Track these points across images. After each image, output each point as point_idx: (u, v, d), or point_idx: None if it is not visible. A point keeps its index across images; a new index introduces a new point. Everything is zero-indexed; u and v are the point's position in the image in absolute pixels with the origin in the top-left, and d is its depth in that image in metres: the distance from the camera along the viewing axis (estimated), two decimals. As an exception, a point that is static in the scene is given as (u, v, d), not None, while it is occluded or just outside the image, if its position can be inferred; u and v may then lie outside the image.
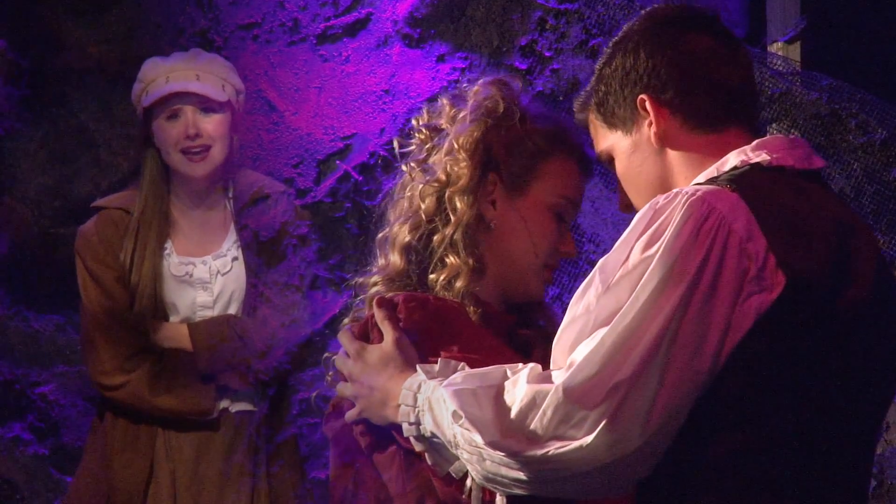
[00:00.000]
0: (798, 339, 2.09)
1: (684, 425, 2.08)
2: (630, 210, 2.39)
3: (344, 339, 2.39)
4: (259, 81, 4.92)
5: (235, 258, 4.19)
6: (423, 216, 2.47)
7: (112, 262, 4.13)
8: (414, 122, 2.57)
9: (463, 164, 2.46)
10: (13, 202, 5.03)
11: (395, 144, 2.60)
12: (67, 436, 5.02)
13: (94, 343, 4.14)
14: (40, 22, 5.01)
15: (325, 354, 2.51)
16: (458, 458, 2.19)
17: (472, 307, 2.43)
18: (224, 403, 4.17)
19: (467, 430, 2.09)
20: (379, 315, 2.34)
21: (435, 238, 2.46)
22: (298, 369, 4.28)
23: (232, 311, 4.18)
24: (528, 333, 2.53)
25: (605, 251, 4.78)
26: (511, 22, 4.82)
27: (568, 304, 2.17)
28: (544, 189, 2.50)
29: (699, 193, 2.11)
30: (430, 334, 2.35)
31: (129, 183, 4.77)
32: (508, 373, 2.14)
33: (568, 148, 2.53)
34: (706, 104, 2.30)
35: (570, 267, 4.62)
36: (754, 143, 2.26)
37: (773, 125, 4.53)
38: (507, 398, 2.09)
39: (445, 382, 2.16)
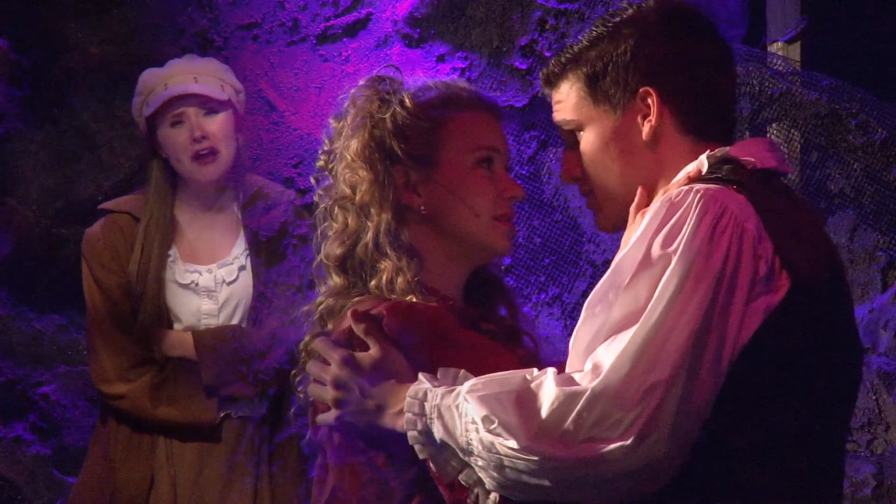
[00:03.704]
0: (802, 339, 2.11)
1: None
2: (574, 182, 2.39)
3: (323, 346, 2.35)
4: (259, 81, 4.93)
5: (242, 267, 4.18)
6: (344, 233, 2.48)
7: (117, 268, 4.13)
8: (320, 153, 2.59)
9: (361, 172, 2.46)
10: (15, 203, 5.04)
11: (313, 180, 2.61)
12: (69, 436, 5.03)
13: (96, 350, 4.14)
14: (42, 23, 5.02)
15: (293, 372, 2.52)
16: (467, 466, 2.17)
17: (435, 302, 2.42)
18: (226, 409, 4.17)
19: (498, 435, 2.07)
20: (359, 328, 2.32)
21: (358, 249, 2.46)
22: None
23: (236, 320, 4.17)
24: (491, 328, 2.50)
25: (606, 251, 4.80)
26: (511, 22, 4.82)
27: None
28: (453, 151, 2.48)
29: (712, 192, 2.12)
30: (422, 340, 2.32)
31: (132, 183, 4.78)
32: (528, 377, 2.12)
33: (461, 103, 2.51)
34: (705, 113, 2.30)
35: (570, 267, 4.62)
36: (737, 144, 2.27)
37: (773, 125, 4.53)
38: (533, 403, 2.07)
39: (467, 389, 2.14)
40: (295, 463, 4.23)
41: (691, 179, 2.21)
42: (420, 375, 2.24)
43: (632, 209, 2.30)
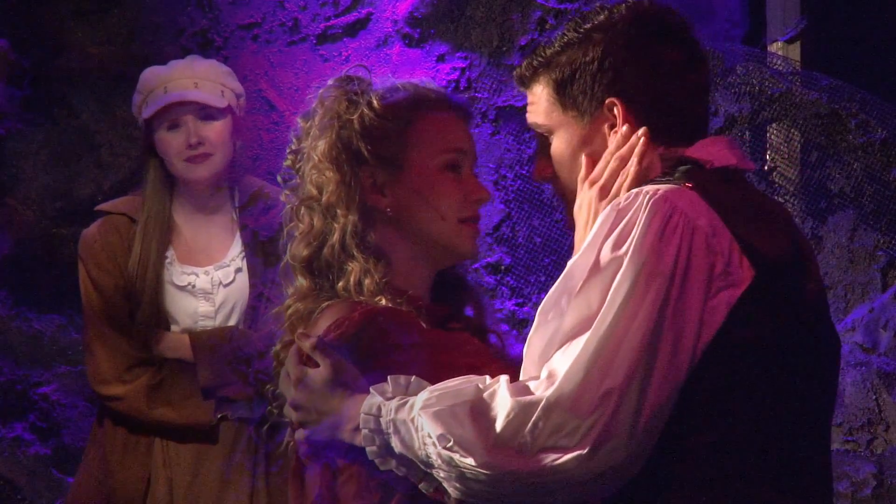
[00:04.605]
0: (769, 330, 2.11)
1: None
2: (546, 181, 2.39)
3: (289, 362, 2.37)
4: (259, 81, 4.93)
5: (239, 269, 4.18)
6: (310, 234, 2.47)
7: (114, 269, 4.13)
8: (287, 150, 2.58)
9: (328, 173, 2.45)
10: (15, 203, 5.04)
11: (279, 179, 2.60)
12: (69, 436, 5.03)
13: (93, 351, 4.13)
14: (42, 23, 5.03)
15: (268, 386, 2.52)
16: (428, 475, 2.16)
17: (403, 304, 2.41)
18: (223, 411, 4.16)
19: (456, 453, 2.08)
20: (306, 345, 2.32)
21: (325, 250, 2.45)
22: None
23: (233, 322, 4.16)
24: (459, 327, 2.50)
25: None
26: (511, 22, 4.83)
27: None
28: (422, 154, 2.47)
29: (660, 192, 2.12)
30: (387, 348, 2.32)
31: (131, 184, 4.78)
32: (480, 386, 2.12)
33: (429, 105, 2.50)
34: (671, 120, 2.29)
35: (570, 267, 4.62)
36: (696, 144, 2.27)
37: (773, 125, 4.53)
38: (488, 414, 2.08)
39: (421, 405, 2.14)
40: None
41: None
42: (371, 389, 2.23)
43: (579, 179, 2.29)
